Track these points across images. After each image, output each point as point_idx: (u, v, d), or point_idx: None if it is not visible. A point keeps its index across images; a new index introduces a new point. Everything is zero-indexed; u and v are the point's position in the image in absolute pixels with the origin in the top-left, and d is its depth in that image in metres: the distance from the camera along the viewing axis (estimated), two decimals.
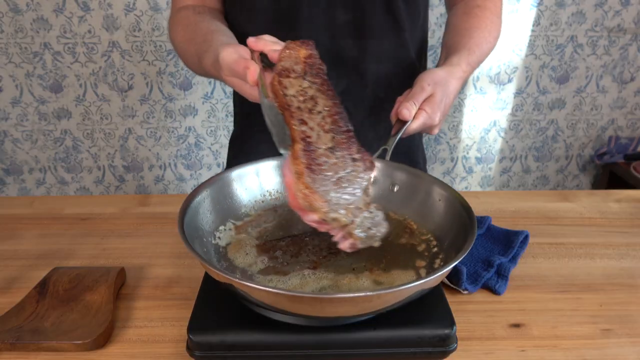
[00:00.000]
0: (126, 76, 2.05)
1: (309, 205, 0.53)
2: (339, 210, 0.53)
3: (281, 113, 0.59)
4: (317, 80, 0.61)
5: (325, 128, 0.58)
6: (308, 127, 0.57)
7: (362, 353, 0.55)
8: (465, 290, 0.69)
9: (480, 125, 2.24)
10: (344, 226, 0.54)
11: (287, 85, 0.59)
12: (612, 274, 0.74)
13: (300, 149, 0.55)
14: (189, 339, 0.54)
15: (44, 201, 0.96)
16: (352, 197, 0.55)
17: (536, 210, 0.92)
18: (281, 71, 0.60)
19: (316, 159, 0.55)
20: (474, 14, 0.91)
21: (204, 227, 0.65)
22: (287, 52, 0.61)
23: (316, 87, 0.61)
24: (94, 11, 1.93)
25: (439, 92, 0.76)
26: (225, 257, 0.64)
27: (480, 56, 0.88)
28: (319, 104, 0.59)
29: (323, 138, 0.57)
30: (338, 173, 0.55)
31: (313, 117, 0.58)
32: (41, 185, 2.26)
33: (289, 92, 0.59)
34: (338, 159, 0.56)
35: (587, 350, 0.60)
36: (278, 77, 0.59)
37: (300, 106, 0.58)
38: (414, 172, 0.76)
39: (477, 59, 0.87)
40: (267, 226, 0.71)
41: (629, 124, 2.29)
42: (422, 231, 0.70)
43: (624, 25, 2.07)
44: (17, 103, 2.07)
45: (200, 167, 2.26)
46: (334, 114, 0.60)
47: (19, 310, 0.63)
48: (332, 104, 0.60)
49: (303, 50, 0.62)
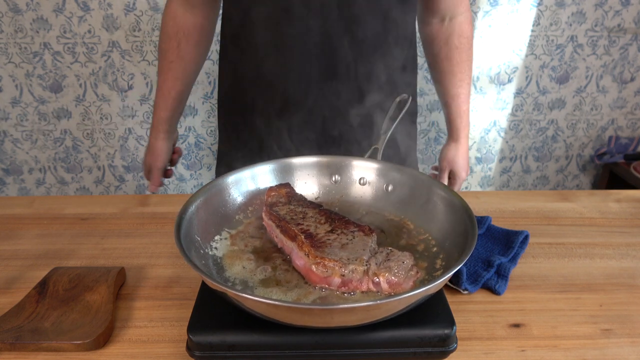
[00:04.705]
0: (126, 76, 2.05)
1: (325, 269, 0.57)
2: (352, 262, 0.58)
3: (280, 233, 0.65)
4: (302, 203, 0.71)
5: (321, 222, 0.66)
6: (305, 225, 0.65)
7: (362, 353, 0.55)
8: (465, 291, 0.69)
9: (480, 125, 2.24)
10: (365, 272, 0.57)
11: (278, 210, 0.68)
12: (612, 274, 0.74)
13: (302, 239, 0.62)
14: (189, 339, 0.54)
15: (44, 201, 0.96)
16: (360, 253, 0.59)
17: (536, 210, 0.92)
18: (270, 205, 0.70)
19: (319, 240, 0.61)
20: (455, 62, 1.04)
21: (200, 237, 0.65)
22: (272, 194, 0.72)
23: (302, 207, 0.69)
24: (93, 11, 1.93)
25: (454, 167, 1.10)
26: (221, 267, 0.64)
27: (467, 97, 1.08)
28: (308, 213, 0.68)
29: (320, 228, 0.64)
30: (342, 242, 0.61)
31: (307, 220, 0.66)
32: (41, 185, 2.26)
33: (281, 212, 0.68)
34: (339, 235, 0.63)
35: (587, 350, 0.60)
36: (269, 208, 0.69)
37: (293, 217, 0.67)
38: (410, 172, 0.76)
39: (466, 107, 1.08)
40: (263, 231, 0.71)
41: (629, 124, 2.29)
42: (420, 230, 0.70)
43: (624, 25, 2.07)
44: (17, 103, 2.07)
45: (200, 167, 2.26)
46: (325, 213, 0.67)
47: (19, 310, 0.63)
48: (320, 210, 0.69)
49: (283, 189, 0.74)
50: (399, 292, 0.57)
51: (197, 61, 1.06)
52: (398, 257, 0.59)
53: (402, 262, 0.58)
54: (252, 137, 1.01)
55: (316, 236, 0.62)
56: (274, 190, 0.73)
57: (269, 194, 0.73)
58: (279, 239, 0.66)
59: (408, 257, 0.59)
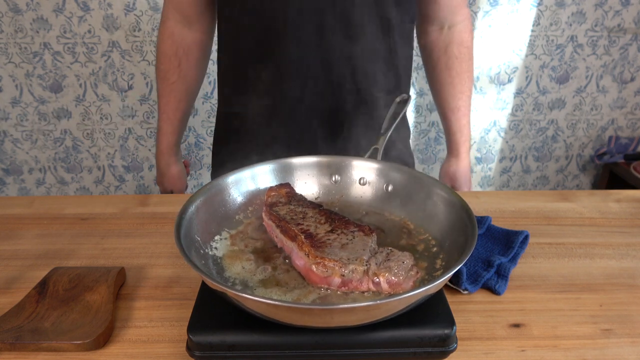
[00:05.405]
0: (126, 76, 2.05)
1: (325, 269, 0.57)
2: (352, 262, 0.58)
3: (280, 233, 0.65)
4: (302, 203, 0.71)
5: (321, 222, 0.65)
6: (305, 225, 0.65)
7: (362, 353, 0.55)
8: (465, 290, 0.69)
9: (480, 125, 2.24)
10: (365, 272, 0.57)
11: (278, 210, 0.68)
12: (612, 274, 0.74)
13: (302, 239, 0.61)
14: (189, 339, 0.54)
15: (44, 201, 0.95)
16: (360, 253, 0.59)
17: (536, 210, 0.92)
18: (270, 205, 0.70)
19: (319, 240, 0.61)
20: (454, 73, 1.02)
21: (200, 237, 0.65)
22: (272, 194, 0.72)
23: (302, 207, 0.69)
24: (93, 11, 1.93)
25: (455, 184, 1.11)
26: (221, 267, 0.64)
27: (467, 110, 1.07)
28: (308, 213, 0.68)
29: (320, 228, 0.64)
30: (342, 242, 0.61)
31: (307, 220, 0.66)
32: (41, 185, 2.26)
33: (281, 212, 0.68)
34: (339, 235, 0.63)
35: (587, 350, 0.60)
36: (269, 208, 0.69)
37: (293, 217, 0.67)
38: (410, 172, 0.76)
39: (467, 121, 1.07)
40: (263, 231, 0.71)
41: (629, 124, 2.29)
42: (420, 230, 0.70)
43: (624, 25, 2.07)
44: (17, 103, 2.07)
45: (200, 167, 2.26)
46: (325, 213, 0.67)
47: (19, 310, 0.63)
48: (320, 210, 0.68)
49: (283, 189, 0.73)
50: (399, 292, 0.57)
51: (198, 79, 1.04)
52: (398, 257, 0.59)
53: (402, 262, 0.58)
54: (247, 138, 1.01)
55: (316, 236, 0.62)
56: (274, 190, 0.73)
57: (269, 194, 0.73)
58: (279, 239, 0.66)
59: (408, 257, 0.60)
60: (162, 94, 1.01)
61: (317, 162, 0.80)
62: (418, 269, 0.60)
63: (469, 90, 1.04)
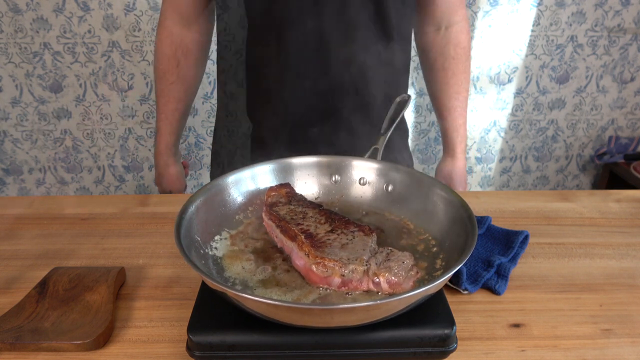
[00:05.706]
0: (126, 76, 2.05)
1: (325, 269, 0.57)
2: (352, 262, 0.58)
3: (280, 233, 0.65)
4: (302, 203, 0.71)
5: (321, 222, 0.65)
6: (305, 225, 0.65)
7: (362, 353, 0.55)
8: (465, 290, 0.69)
9: (480, 125, 2.24)
10: (365, 272, 0.57)
11: (278, 210, 0.68)
12: (612, 274, 0.74)
13: (302, 239, 0.61)
14: (189, 339, 0.54)
15: (44, 201, 0.95)
16: (360, 253, 0.59)
17: (536, 210, 0.92)
18: (270, 205, 0.70)
19: (319, 240, 0.61)
20: (451, 73, 1.03)
21: (200, 237, 0.65)
22: (272, 194, 0.72)
23: (302, 207, 0.69)
24: (93, 11, 1.93)
25: (450, 184, 1.09)
26: (221, 267, 0.64)
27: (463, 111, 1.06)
28: (308, 213, 0.68)
29: (320, 228, 0.64)
30: (342, 242, 0.61)
31: (307, 220, 0.66)
32: (41, 185, 2.26)
33: (281, 212, 0.68)
34: (339, 235, 0.63)
35: (587, 350, 0.60)
36: (269, 208, 0.69)
37: (293, 217, 0.67)
38: (410, 172, 0.76)
39: (463, 121, 1.07)
40: (263, 231, 0.71)
41: (629, 124, 2.29)
42: (420, 230, 0.70)
43: (624, 25, 2.07)
44: (17, 103, 2.07)
45: (200, 167, 2.26)
46: (325, 213, 0.67)
47: (18, 310, 0.63)
48: (320, 210, 0.68)
49: (283, 189, 0.73)
50: (399, 292, 0.57)
51: (197, 79, 1.04)
52: (398, 257, 0.59)
53: (402, 262, 0.58)
54: (247, 138, 1.01)
55: (316, 236, 0.62)
56: (274, 190, 0.73)
57: (269, 194, 0.73)
58: (279, 239, 0.66)
59: (408, 257, 0.60)
60: (160, 94, 1.02)
61: (317, 162, 0.80)
62: (418, 269, 0.60)
63: (466, 90, 1.05)
